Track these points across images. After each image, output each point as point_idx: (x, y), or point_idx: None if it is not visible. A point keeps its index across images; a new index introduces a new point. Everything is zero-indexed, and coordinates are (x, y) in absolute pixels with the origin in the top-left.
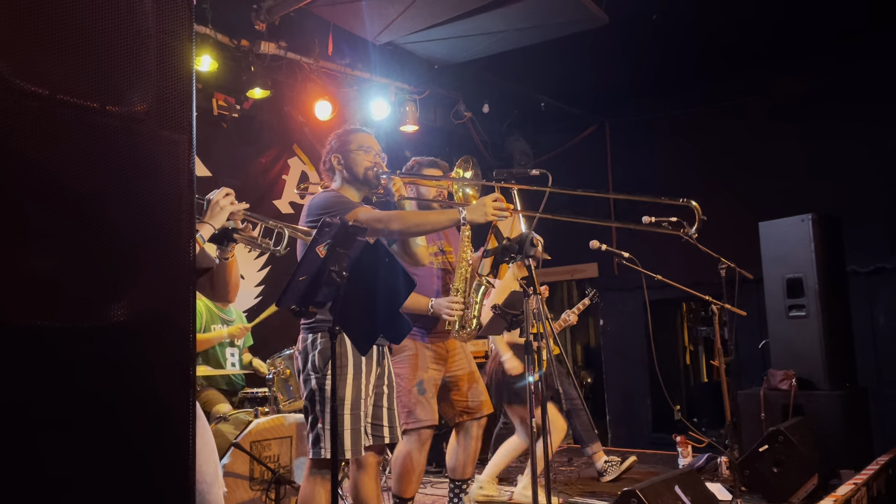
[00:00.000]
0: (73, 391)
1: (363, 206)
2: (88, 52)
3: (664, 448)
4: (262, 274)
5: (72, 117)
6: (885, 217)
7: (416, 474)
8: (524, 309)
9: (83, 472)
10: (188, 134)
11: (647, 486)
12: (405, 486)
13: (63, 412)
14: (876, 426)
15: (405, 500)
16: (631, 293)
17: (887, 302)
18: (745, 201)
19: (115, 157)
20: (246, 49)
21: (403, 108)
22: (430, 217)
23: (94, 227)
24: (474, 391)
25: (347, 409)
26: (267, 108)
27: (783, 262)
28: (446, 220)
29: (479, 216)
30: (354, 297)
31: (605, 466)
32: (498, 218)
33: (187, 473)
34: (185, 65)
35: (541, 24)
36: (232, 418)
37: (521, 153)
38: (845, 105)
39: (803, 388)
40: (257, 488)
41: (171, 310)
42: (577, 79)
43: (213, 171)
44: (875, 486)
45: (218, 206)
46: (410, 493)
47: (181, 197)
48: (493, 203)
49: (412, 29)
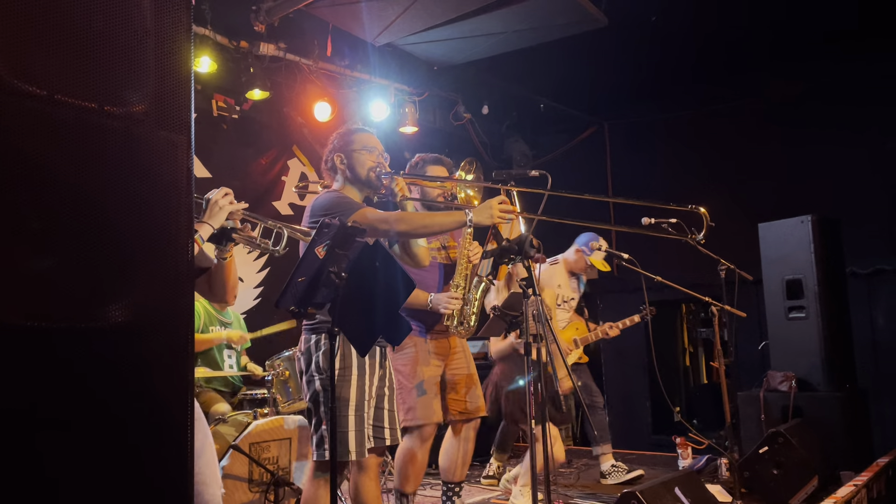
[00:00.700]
0: (70, 392)
1: (367, 207)
2: (87, 52)
3: (664, 450)
4: (261, 276)
5: (70, 118)
6: (884, 218)
7: (417, 470)
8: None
9: (82, 473)
10: (187, 135)
11: (647, 488)
12: (406, 482)
13: (61, 413)
14: (876, 427)
15: (406, 495)
16: (631, 295)
17: (886, 303)
18: (745, 203)
19: (113, 158)
20: (245, 50)
21: (403, 110)
22: (437, 219)
23: (92, 228)
24: (472, 394)
25: (352, 411)
26: (266, 110)
27: (783, 263)
28: (452, 222)
29: (485, 218)
30: (353, 298)
31: (611, 470)
32: (504, 220)
33: (186, 475)
34: (184, 65)
35: (540, 25)
36: (231, 420)
37: (521, 154)
38: (844, 107)
39: (803, 390)
40: (256, 490)
41: (170, 310)
42: (576, 80)
43: (212, 172)
44: (875, 488)
45: (217, 205)
46: (412, 489)
47: (180, 197)
48: (499, 205)
49: (411, 30)
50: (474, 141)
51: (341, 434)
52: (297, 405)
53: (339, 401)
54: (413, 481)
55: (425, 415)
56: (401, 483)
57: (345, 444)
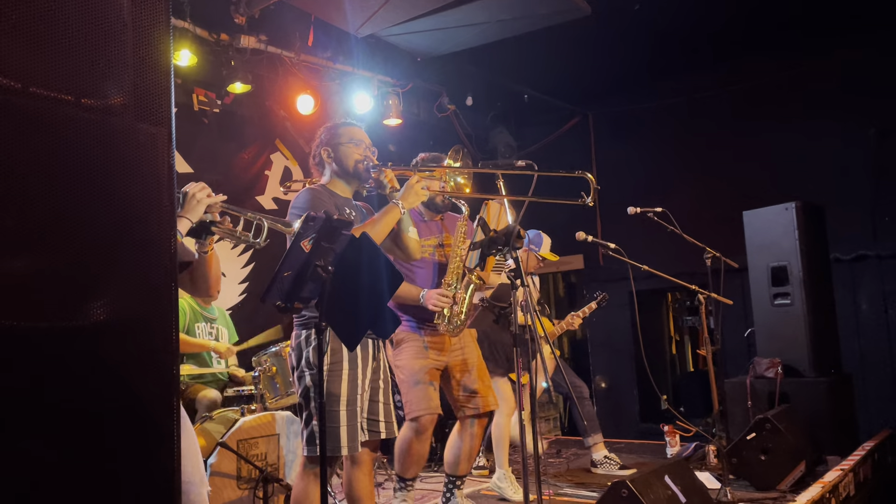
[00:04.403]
0: (52, 392)
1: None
2: (62, 44)
3: (652, 438)
4: (245, 271)
5: (46, 110)
6: (867, 204)
7: (417, 459)
8: (512, 301)
9: (64, 473)
10: (167, 127)
11: (637, 477)
12: (406, 468)
13: (43, 414)
14: (861, 412)
15: (406, 480)
16: (617, 284)
17: (869, 289)
18: (729, 190)
19: (91, 151)
20: (226, 43)
21: (386, 102)
22: (378, 224)
23: (71, 224)
24: (469, 378)
25: (343, 406)
26: (248, 103)
27: (767, 250)
28: (391, 218)
29: (413, 198)
30: (340, 292)
31: (603, 461)
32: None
33: (173, 475)
34: (163, 56)
35: (523, 15)
36: (218, 417)
37: (506, 146)
38: (827, 93)
39: (789, 376)
40: (245, 487)
41: (153, 307)
42: (560, 70)
43: (194, 167)
44: (861, 472)
45: (194, 199)
46: (412, 475)
47: (161, 191)
48: (416, 183)
49: (394, 21)
50: (459, 132)
51: (333, 429)
52: (285, 401)
53: (330, 396)
54: (412, 469)
55: (420, 406)
56: (401, 469)
57: (337, 440)
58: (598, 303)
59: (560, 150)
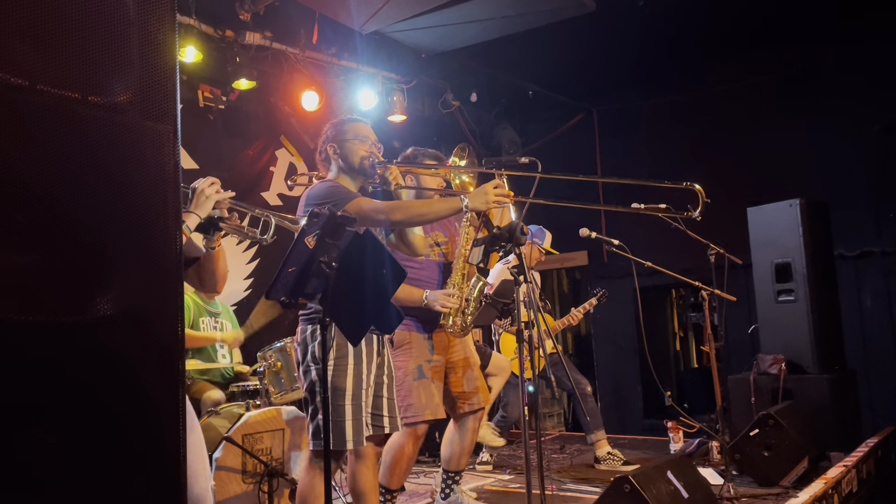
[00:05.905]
0: (58, 387)
1: (362, 196)
2: (68, 41)
3: (655, 434)
4: (251, 267)
5: (53, 108)
6: (871, 201)
7: (406, 466)
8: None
9: (70, 468)
10: (173, 124)
11: (639, 472)
12: (393, 477)
13: (49, 408)
14: (864, 408)
15: (391, 492)
16: (621, 280)
17: (873, 285)
18: (734, 187)
19: (98, 148)
20: (231, 39)
21: (391, 98)
22: (433, 206)
23: (77, 220)
24: (469, 376)
25: (348, 400)
26: (253, 100)
27: (771, 247)
28: (448, 209)
29: (481, 203)
30: (344, 287)
31: (607, 457)
32: (500, 205)
33: (178, 468)
34: (169, 54)
35: (528, 11)
36: (224, 411)
37: (510, 142)
38: (831, 90)
39: (792, 372)
40: (250, 481)
41: (159, 302)
42: (564, 67)
43: (200, 163)
44: (865, 468)
45: (203, 194)
46: (396, 485)
47: (167, 187)
48: (494, 190)
49: (398, 17)
50: (463, 129)
51: (338, 423)
52: (290, 396)
53: (335, 391)
54: (398, 478)
55: (421, 411)
56: (388, 479)
57: (342, 434)
58: (599, 299)
59: (564, 146)
